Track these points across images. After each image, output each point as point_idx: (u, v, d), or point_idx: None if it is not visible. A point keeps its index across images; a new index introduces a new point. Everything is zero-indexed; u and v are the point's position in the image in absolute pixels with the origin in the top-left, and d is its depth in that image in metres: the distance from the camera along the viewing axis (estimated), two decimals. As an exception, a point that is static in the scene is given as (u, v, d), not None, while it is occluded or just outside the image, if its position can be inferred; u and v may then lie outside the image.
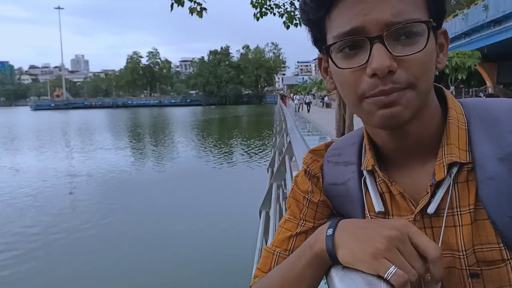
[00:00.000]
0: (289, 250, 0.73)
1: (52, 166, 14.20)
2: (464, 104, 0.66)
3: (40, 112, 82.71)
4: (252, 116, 46.75)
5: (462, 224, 0.60)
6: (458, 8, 30.02)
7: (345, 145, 0.75)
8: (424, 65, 0.56)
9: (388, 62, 0.54)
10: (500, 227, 0.58)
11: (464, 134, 0.62)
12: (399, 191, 0.65)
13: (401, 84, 0.55)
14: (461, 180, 0.61)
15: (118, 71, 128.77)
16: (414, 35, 0.55)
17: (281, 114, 14.42)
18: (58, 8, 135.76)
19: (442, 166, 0.60)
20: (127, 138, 25.62)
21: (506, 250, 0.59)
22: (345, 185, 0.71)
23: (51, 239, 6.96)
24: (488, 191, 0.58)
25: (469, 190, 0.60)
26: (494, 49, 22.98)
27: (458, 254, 0.61)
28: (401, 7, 0.54)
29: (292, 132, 4.51)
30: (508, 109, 0.61)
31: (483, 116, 0.62)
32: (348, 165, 0.72)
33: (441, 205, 0.61)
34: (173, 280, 5.34)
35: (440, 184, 0.61)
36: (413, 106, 0.57)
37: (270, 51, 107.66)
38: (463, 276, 0.61)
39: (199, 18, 6.29)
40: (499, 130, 0.60)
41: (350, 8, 0.56)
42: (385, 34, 0.54)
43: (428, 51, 0.56)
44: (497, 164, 0.58)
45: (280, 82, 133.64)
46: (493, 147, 0.59)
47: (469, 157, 0.60)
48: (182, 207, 8.69)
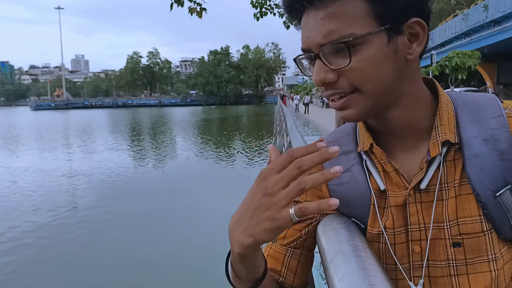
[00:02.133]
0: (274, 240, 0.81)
1: (56, 167, 14.20)
2: (452, 95, 0.74)
3: (40, 112, 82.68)
4: (252, 116, 46.71)
5: (448, 197, 0.68)
6: (458, 8, 30.01)
7: (341, 136, 0.81)
8: (362, 72, 0.63)
9: (321, 76, 0.64)
10: (483, 199, 0.66)
11: (453, 118, 0.70)
12: (394, 168, 0.71)
13: (344, 89, 0.65)
14: (449, 158, 0.69)
15: (118, 71, 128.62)
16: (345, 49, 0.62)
17: (281, 114, 14.42)
18: (58, 8, 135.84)
19: (437, 143, 0.68)
20: (128, 138, 25.59)
21: (486, 222, 0.66)
22: (349, 171, 0.76)
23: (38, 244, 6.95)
24: (473, 167, 0.66)
25: (455, 168, 0.68)
26: (494, 49, 22.98)
27: (443, 225, 0.68)
28: (331, 27, 0.62)
29: (292, 132, 4.52)
30: (489, 100, 0.71)
31: (468, 105, 0.71)
32: (349, 153, 0.77)
33: (431, 181, 0.69)
34: (171, 278, 5.34)
35: (432, 162, 0.69)
36: (362, 107, 0.66)
37: (270, 51, 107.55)
38: (446, 245, 0.68)
39: (199, 18, 6.28)
40: (483, 116, 0.69)
41: (302, 29, 0.68)
42: (320, 52, 0.64)
43: (364, 59, 0.62)
44: (482, 144, 0.67)
45: (280, 82, 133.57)
46: (478, 130, 0.68)
47: (457, 138, 0.68)
48: (182, 207, 8.68)
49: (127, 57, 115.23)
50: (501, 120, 0.68)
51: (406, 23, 0.64)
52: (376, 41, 0.63)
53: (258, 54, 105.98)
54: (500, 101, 0.71)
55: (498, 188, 0.65)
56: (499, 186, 0.65)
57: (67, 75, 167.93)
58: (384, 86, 0.65)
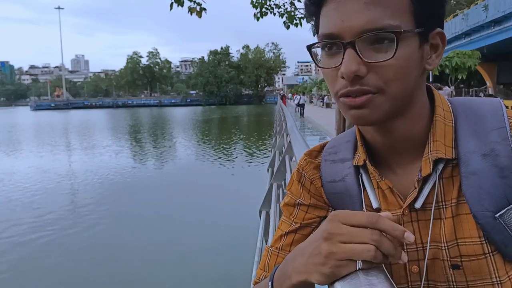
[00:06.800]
0: (279, 248, 0.78)
1: (59, 167, 14.21)
2: (453, 102, 0.69)
3: (40, 112, 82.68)
4: (252, 116, 46.71)
5: (445, 217, 0.64)
6: (458, 8, 30.01)
7: (341, 143, 0.78)
8: (396, 71, 0.58)
9: (354, 68, 0.57)
10: (481, 221, 0.60)
11: (451, 131, 0.65)
12: (388, 186, 0.68)
13: (369, 87, 0.59)
14: (446, 175, 0.64)
15: (118, 71, 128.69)
16: (388, 42, 0.57)
17: (281, 114, 14.44)
18: (58, 8, 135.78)
19: (428, 162, 0.63)
20: (129, 138, 25.60)
21: (487, 244, 0.61)
22: (343, 181, 0.73)
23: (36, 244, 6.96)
24: (470, 186, 0.61)
25: (453, 185, 0.63)
26: (494, 49, 22.98)
27: (441, 245, 0.64)
28: (377, 14, 0.56)
29: (292, 132, 4.52)
30: (492, 109, 0.65)
31: (469, 115, 0.65)
32: (344, 161, 0.74)
33: (427, 200, 0.64)
34: (173, 279, 5.34)
35: (427, 179, 0.64)
36: (381, 109, 0.60)
37: (270, 51, 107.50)
38: (445, 267, 0.64)
39: (199, 18, 6.29)
40: (484, 128, 0.63)
41: (332, 12, 0.59)
42: (357, 40, 0.57)
43: (402, 57, 0.58)
44: (480, 160, 0.61)
45: (280, 82, 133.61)
46: (477, 144, 0.62)
47: (454, 153, 0.63)
48: (182, 207, 8.69)
49: (127, 57, 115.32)
50: (503, 132, 0.62)
51: (432, 32, 0.62)
52: (413, 42, 0.59)
53: (258, 54, 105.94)
54: (504, 109, 0.65)
55: (499, 209, 0.60)
56: (500, 206, 0.60)
57: (67, 75, 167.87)
58: (408, 90, 0.62)
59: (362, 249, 0.49)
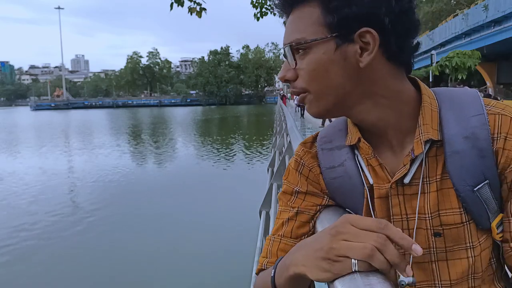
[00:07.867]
0: (281, 234, 0.82)
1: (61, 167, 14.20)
2: (436, 91, 0.77)
3: (40, 112, 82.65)
4: (252, 116, 46.70)
5: (429, 191, 0.72)
6: (458, 8, 30.01)
7: (333, 132, 0.84)
8: (309, 73, 0.70)
9: (281, 74, 0.73)
10: (462, 194, 0.70)
11: (436, 116, 0.72)
12: (378, 163, 0.75)
13: (297, 88, 0.72)
14: (431, 155, 0.72)
15: (118, 71, 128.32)
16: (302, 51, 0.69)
17: (281, 114, 14.40)
18: (58, 8, 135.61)
19: (420, 143, 0.70)
20: (129, 138, 25.59)
21: (465, 214, 0.71)
22: (342, 165, 0.79)
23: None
24: (454, 163, 0.70)
25: (437, 163, 0.72)
26: (494, 49, 22.97)
27: (425, 216, 0.72)
28: (292, 30, 0.71)
29: (292, 132, 4.50)
30: (473, 97, 0.74)
31: (451, 102, 0.74)
32: (341, 148, 0.80)
33: (414, 176, 0.72)
34: (173, 279, 5.34)
35: (415, 158, 0.72)
36: (316, 105, 0.73)
37: (270, 51, 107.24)
38: (428, 235, 0.73)
39: (199, 18, 6.27)
40: (465, 114, 0.71)
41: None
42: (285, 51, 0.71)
43: (313, 61, 0.69)
44: (463, 142, 0.70)
45: (280, 82, 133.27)
46: (460, 128, 0.71)
47: (440, 135, 0.71)
48: (181, 207, 8.69)
49: (127, 57, 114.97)
50: (481, 119, 0.70)
51: (357, 32, 0.67)
52: (323, 47, 0.68)
53: (258, 54, 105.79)
54: (481, 98, 0.73)
55: (477, 183, 0.69)
56: (477, 181, 0.69)
57: (67, 75, 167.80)
58: (332, 88, 0.70)
59: (358, 246, 0.51)
